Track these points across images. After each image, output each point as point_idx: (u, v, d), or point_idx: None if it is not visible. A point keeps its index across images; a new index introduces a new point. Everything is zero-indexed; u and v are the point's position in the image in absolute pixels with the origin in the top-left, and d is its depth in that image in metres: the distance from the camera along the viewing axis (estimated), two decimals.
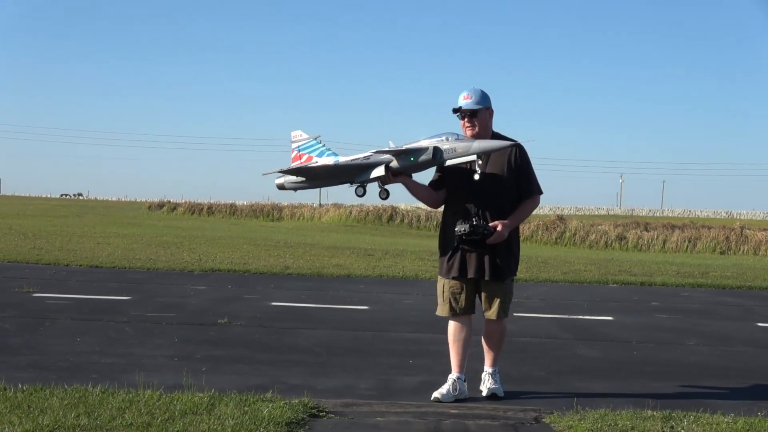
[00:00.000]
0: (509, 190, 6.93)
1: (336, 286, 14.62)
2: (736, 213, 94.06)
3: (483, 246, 6.82)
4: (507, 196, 6.93)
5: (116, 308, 11.13)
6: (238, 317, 10.65)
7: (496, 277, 6.90)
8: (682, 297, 14.93)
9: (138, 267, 16.82)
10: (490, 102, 6.95)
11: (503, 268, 6.92)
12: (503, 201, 6.91)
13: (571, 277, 17.60)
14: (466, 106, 6.87)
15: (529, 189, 7.01)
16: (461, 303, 7.01)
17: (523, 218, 7.08)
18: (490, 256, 6.86)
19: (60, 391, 6.45)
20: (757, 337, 10.64)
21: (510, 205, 6.94)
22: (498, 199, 6.89)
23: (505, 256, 6.92)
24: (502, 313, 7.01)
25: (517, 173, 6.94)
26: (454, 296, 7.02)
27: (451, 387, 6.91)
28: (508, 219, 6.88)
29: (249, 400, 6.35)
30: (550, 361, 8.59)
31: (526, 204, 7.02)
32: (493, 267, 6.88)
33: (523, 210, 7.01)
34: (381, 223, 49.10)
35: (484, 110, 6.90)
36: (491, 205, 6.88)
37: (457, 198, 6.99)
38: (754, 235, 37.49)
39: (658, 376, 8.04)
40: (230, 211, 57.29)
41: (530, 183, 7.02)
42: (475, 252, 6.86)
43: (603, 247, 37.29)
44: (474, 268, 6.89)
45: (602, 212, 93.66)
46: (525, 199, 7.01)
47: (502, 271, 6.92)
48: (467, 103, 6.87)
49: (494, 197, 6.88)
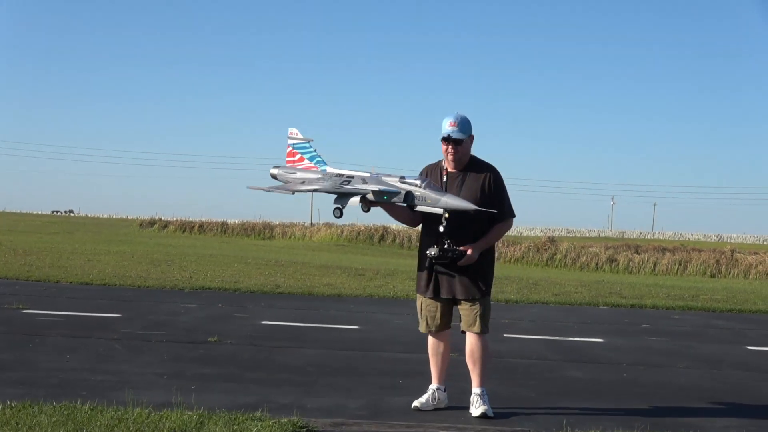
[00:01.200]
0: (481, 214, 7.03)
1: (327, 306, 14.61)
2: (727, 236, 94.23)
3: (454, 267, 7.04)
4: (479, 221, 7.07)
5: (106, 325, 11.11)
6: (229, 335, 10.63)
7: (468, 297, 7.11)
8: (672, 320, 14.94)
9: (128, 284, 16.77)
10: (471, 129, 7.18)
11: (474, 288, 7.11)
12: (475, 225, 7.07)
13: (561, 299, 17.60)
14: (454, 135, 7.07)
15: (502, 213, 7.18)
16: (437, 321, 7.28)
17: (495, 240, 7.26)
18: (461, 277, 7.09)
19: (49, 408, 6.43)
20: (746, 361, 10.65)
21: (481, 228, 7.11)
22: (470, 223, 7.05)
23: (476, 276, 7.11)
24: (480, 329, 7.15)
25: (491, 198, 7.12)
26: (431, 314, 7.31)
27: (431, 397, 7.26)
28: (479, 241, 7.06)
29: (238, 419, 6.34)
30: (540, 382, 8.59)
31: (499, 226, 7.22)
32: (465, 287, 7.11)
33: (495, 232, 7.21)
34: (372, 243, 49.15)
35: (468, 138, 7.14)
36: (463, 228, 7.04)
37: (431, 220, 7.14)
38: (745, 259, 37.53)
39: (648, 398, 8.05)
40: (221, 229, 57.31)
41: (503, 206, 7.20)
42: (447, 273, 7.11)
43: (594, 269, 37.30)
44: (446, 289, 7.16)
45: (593, 234, 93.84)
46: (498, 221, 7.18)
47: (473, 291, 7.11)
48: (454, 132, 7.06)
49: (467, 221, 7.02)
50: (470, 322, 7.14)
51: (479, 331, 7.14)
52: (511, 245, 41.74)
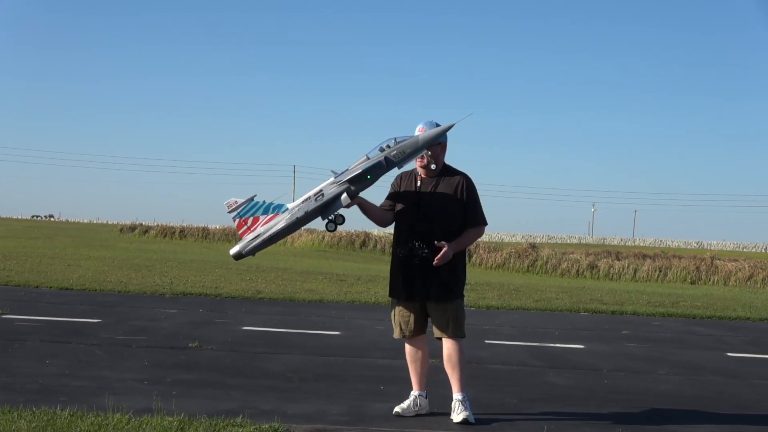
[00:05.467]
0: (453, 219, 7.11)
1: (308, 311, 14.59)
2: (707, 243, 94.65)
3: (426, 269, 7.01)
4: (450, 224, 7.11)
5: (86, 331, 11.05)
6: (210, 341, 10.60)
7: (439, 299, 7.09)
8: (653, 326, 15.00)
9: (109, 290, 16.69)
10: (445, 137, 7.17)
11: (446, 290, 7.09)
12: (445, 228, 7.09)
13: (542, 305, 17.64)
14: None
15: (474, 219, 7.21)
16: (411, 326, 7.24)
17: (466, 245, 7.26)
18: (433, 279, 7.06)
19: (28, 413, 6.40)
20: (727, 367, 10.70)
21: (453, 232, 7.11)
22: (440, 225, 7.07)
23: (448, 278, 7.10)
24: (454, 332, 7.13)
25: (464, 203, 7.15)
26: (404, 319, 7.26)
27: (412, 403, 7.23)
28: (453, 242, 7.05)
29: (219, 425, 6.33)
30: (521, 389, 8.60)
31: (470, 232, 7.23)
32: (436, 289, 7.08)
33: (466, 237, 7.21)
34: (353, 249, 49.10)
35: (437, 145, 7.13)
36: (434, 232, 7.05)
37: (402, 222, 7.21)
38: (724, 266, 37.72)
39: (629, 404, 8.08)
40: (203, 235, 57.14)
41: (476, 213, 7.22)
42: (419, 275, 7.07)
43: (575, 276, 37.41)
44: (418, 291, 7.11)
45: (574, 241, 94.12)
46: (470, 227, 7.20)
47: (445, 293, 7.09)
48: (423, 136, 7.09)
49: (438, 223, 7.07)
50: (443, 326, 7.11)
51: (452, 335, 7.11)
52: (492, 251, 41.82)
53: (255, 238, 7.26)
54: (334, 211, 7.14)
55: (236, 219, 7.31)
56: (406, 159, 7.05)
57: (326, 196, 7.10)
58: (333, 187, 7.12)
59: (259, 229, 7.26)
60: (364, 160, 7.08)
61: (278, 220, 7.22)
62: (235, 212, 7.29)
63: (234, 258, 7.41)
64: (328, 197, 7.09)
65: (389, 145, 7.04)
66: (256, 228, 7.26)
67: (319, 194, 7.13)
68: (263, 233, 7.24)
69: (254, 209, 7.29)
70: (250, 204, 7.29)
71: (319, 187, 7.18)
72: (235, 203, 7.30)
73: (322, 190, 7.14)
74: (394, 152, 7.01)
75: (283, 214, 7.22)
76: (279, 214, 7.23)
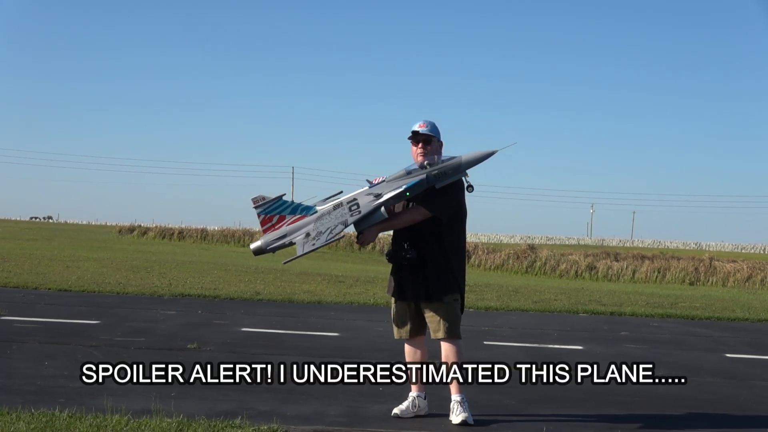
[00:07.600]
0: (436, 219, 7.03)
1: (306, 313, 14.59)
2: (705, 244, 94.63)
3: (416, 270, 7.03)
4: (435, 224, 7.03)
5: (85, 332, 11.06)
6: (208, 342, 10.60)
7: (429, 299, 7.06)
8: (651, 327, 15.01)
9: (107, 291, 16.69)
10: (440, 135, 7.23)
11: (435, 291, 7.05)
12: (432, 229, 7.03)
13: (541, 306, 17.65)
14: (422, 131, 7.11)
15: (427, 200, 6.98)
16: (407, 326, 7.27)
17: (396, 225, 7.08)
18: (423, 280, 7.05)
19: (27, 415, 6.40)
20: (725, 368, 10.71)
21: (438, 234, 7.05)
22: (426, 226, 7.01)
23: (438, 279, 7.05)
24: (449, 333, 7.07)
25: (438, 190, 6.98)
26: (401, 319, 7.28)
27: (411, 404, 7.24)
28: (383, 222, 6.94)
29: (218, 426, 6.33)
30: (519, 390, 8.59)
31: (411, 210, 7.05)
32: (426, 290, 7.06)
33: (403, 214, 7.07)
34: (352, 250, 49.07)
35: (436, 140, 7.17)
36: (414, 232, 7.03)
37: None
38: (723, 267, 37.79)
39: (628, 405, 8.08)
40: (201, 236, 57.10)
41: (433, 197, 6.98)
42: (410, 275, 7.08)
43: (573, 277, 37.45)
44: (410, 292, 7.13)
45: (573, 242, 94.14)
46: (418, 204, 7.01)
47: (434, 294, 7.05)
48: (423, 131, 7.11)
49: (422, 223, 7.01)
50: (435, 328, 7.10)
51: (444, 336, 7.06)
52: (491, 252, 41.87)
53: (280, 238, 7.13)
54: (371, 224, 6.94)
55: (261, 215, 7.21)
56: (446, 180, 6.93)
57: (363, 210, 6.91)
58: (369, 198, 6.98)
59: (284, 228, 7.15)
60: (403, 174, 6.98)
61: (306, 222, 7.11)
62: (261, 208, 7.20)
63: (254, 253, 7.37)
64: (366, 212, 6.89)
65: (430, 163, 6.93)
66: (281, 227, 7.17)
67: (353, 203, 7.00)
68: (289, 234, 7.13)
69: (282, 208, 7.20)
70: (278, 202, 7.20)
71: (352, 195, 7.07)
72: (263, 199, 7.21)
73: (357, 200, 7.02)
74: (435, 171, 6.92)
75: (311, 216, 7.13)
76: (307, 216, 7.14)
